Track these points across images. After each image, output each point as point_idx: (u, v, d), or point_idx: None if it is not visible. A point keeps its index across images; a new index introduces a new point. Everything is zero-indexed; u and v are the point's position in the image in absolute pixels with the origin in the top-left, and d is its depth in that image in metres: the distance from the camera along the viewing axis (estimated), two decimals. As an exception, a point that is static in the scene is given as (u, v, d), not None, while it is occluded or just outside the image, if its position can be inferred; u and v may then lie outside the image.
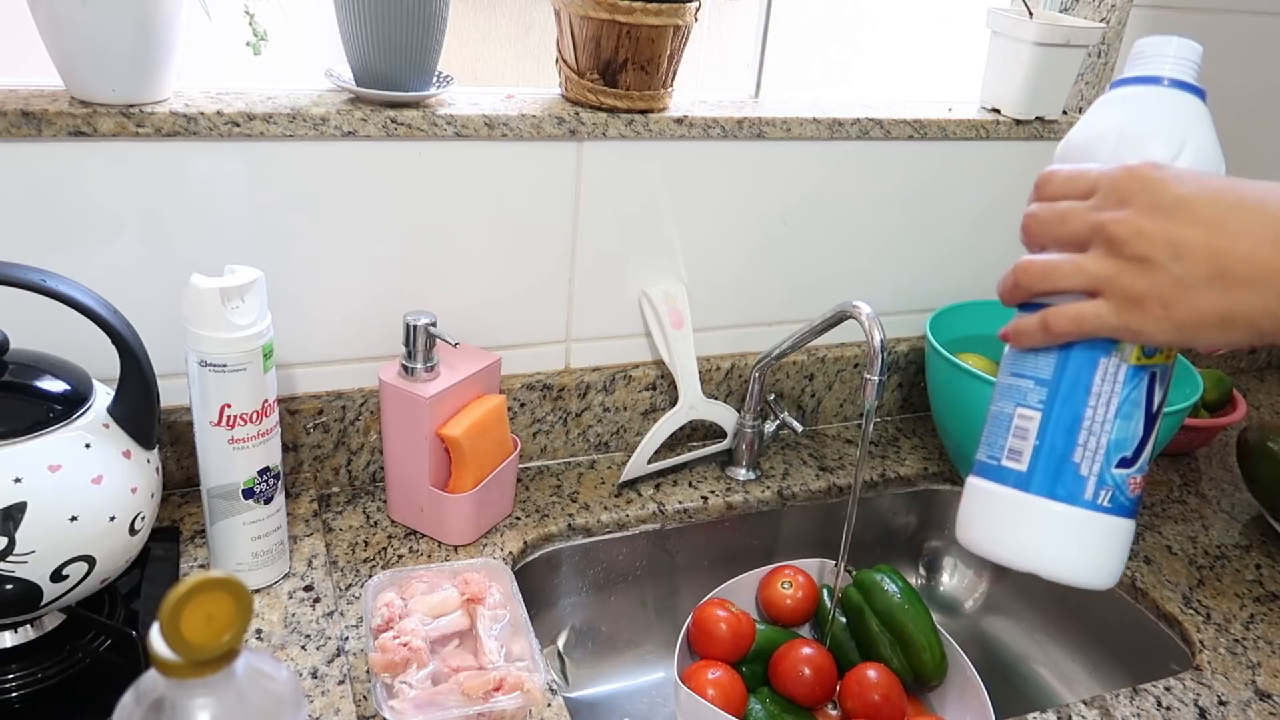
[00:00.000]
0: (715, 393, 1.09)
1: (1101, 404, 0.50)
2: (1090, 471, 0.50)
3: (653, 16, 0.87)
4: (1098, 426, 0.50)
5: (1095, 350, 0.51)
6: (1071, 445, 0.51)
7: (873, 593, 0.91)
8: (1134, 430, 0.51)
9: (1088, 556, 0.51)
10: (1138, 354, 0.50)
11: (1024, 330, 0.52)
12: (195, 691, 0.44)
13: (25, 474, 0.64)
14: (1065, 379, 0.51)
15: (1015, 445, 0.52)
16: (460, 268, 0.94)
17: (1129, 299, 0.48)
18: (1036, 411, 0.51)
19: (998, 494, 0.52)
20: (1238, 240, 0.46)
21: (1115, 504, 0.51)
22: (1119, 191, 0.49)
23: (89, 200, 0.80)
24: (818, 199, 1.06)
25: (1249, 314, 0.46)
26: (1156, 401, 0.51)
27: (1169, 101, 0.52)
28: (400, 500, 0.92)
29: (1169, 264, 0.47)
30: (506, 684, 0.70)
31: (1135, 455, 0.51)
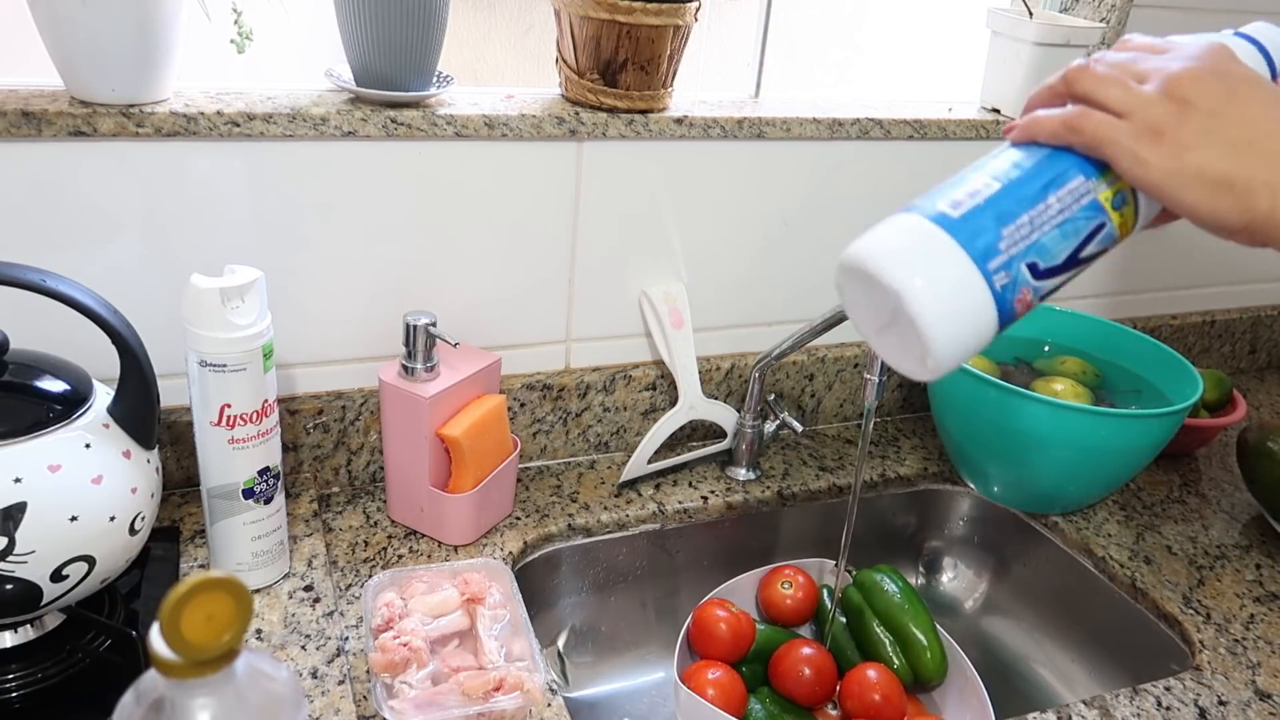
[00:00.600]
0: (715, 393, 1.09)
1: (1054, 210, 0.51)
2: (1007, 251, 0.50)
3: (653, 16, 0.87)
4: (1038, 223, 0.51)
5: (1081, 168, 0.52)
6: (1007, 220, 0.51)
7: (873, 593, 0.91)
8: (1061, 249, 0.51)
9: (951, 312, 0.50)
10: (1109, 196, 0.52)
11: (1042, 123, 0.53)
12: (195, 691, 0.44)
13: (25, 474, 0.64)
14: (1042, 172, 0.52)
15: (960, 199, 0.52)
16: (460, 268, 0.94)
17: (1152, 128, 0.49)
18: (997, 184, 0.52)
19: (918, 224, 0.51)
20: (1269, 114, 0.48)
21: (1002, 293, 0.50)
22: (1199, 52, 0.51)
23: (89, 200, 0.80)
24: (818, 199, 1.06)
25: (1249, 183, 0.47)
26: (1089, 248, 0.52)
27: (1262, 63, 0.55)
28: (400, 500, 0.92)
29: (1206, 114, 0.48)
30: (506, 684, 0.70)
31: (1046, 272, 0.51)
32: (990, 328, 0.51)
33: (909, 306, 0.48)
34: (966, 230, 0.50)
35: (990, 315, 0.50)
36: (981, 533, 1.12)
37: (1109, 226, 0.52)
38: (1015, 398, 0.96)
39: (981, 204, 0.51)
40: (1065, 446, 0.96)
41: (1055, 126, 0.52)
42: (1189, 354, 1.40)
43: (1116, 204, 0.52)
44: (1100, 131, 0.50)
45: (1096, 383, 1.10)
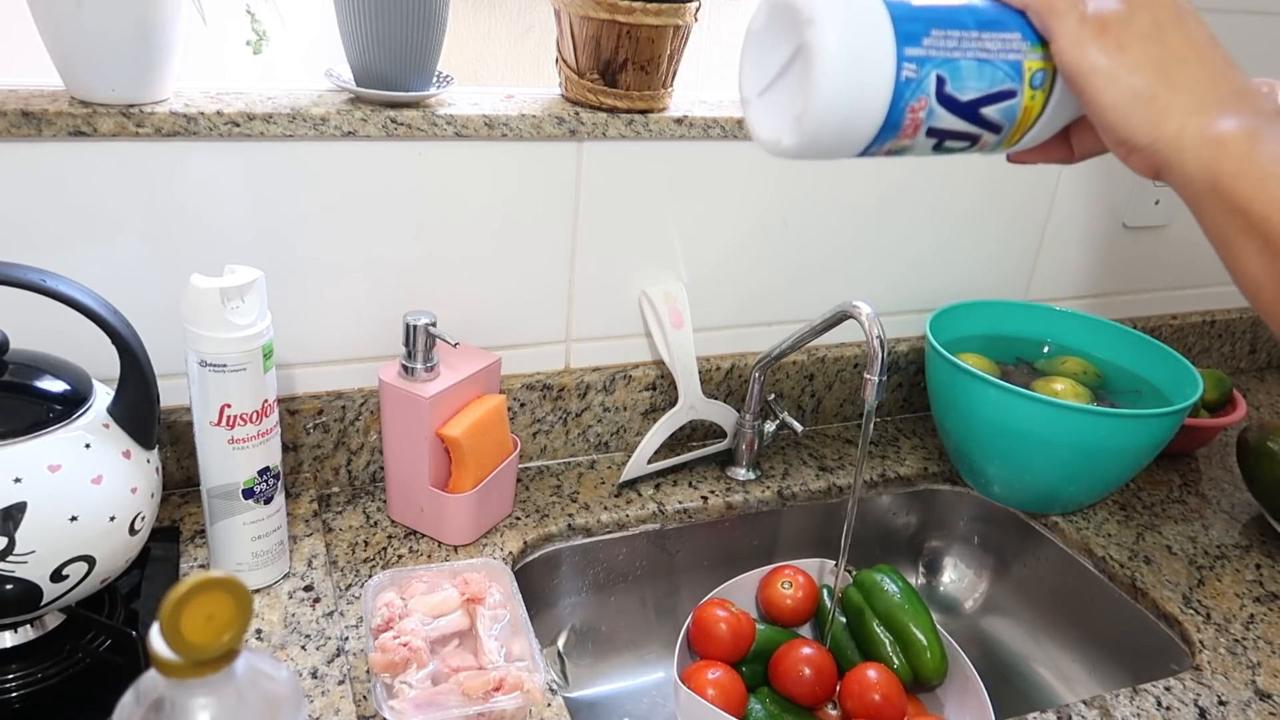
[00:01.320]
0: (715, 393, 1.09)
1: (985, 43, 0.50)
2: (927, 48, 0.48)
3: (653, 16, 0.87)
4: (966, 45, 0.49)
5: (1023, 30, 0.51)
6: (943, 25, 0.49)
7: (873, 593, 0.91)
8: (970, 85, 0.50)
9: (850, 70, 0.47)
10: (1033, 67, 0.51)
11: None
12: (195, 691, 0.44)
13: (25, 474, 0.64)
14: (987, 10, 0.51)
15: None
16: (460, 268, 0.94)
17: (1100, 19, 0.49)
18: None
19: None
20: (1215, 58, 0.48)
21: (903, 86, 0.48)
22: None
23: (89, 200, 0.80)
24: (818, 199, 1.06)
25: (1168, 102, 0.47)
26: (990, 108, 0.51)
27: None
28: (400, 500, 0.92)
29: (1152, 23, 0.48)
30: (506, 684, 0.70)
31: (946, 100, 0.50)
32: (876, 114, 0.48)
33: (813, 41, 0.46)
34: (902, 8, 0.48)
35: (883, 99, 0.48)
36: (981, 533, 1.12)
37: (1018, 98, 0.51)
38: (1015, 398, 0.96)
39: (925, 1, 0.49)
40: (1065, 446, 0.96)
41: None
42: (1189, 354, 1.40)
43: (1035, 81, 0.51)
44: (1055, 3, 0.50)
45: (1096, 383, 1.10)
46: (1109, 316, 1.17)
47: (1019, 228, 1.17)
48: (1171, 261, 1.33)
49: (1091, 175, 1.19)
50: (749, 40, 0.51)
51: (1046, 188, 1.17)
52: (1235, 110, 0.47)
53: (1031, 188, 1.16)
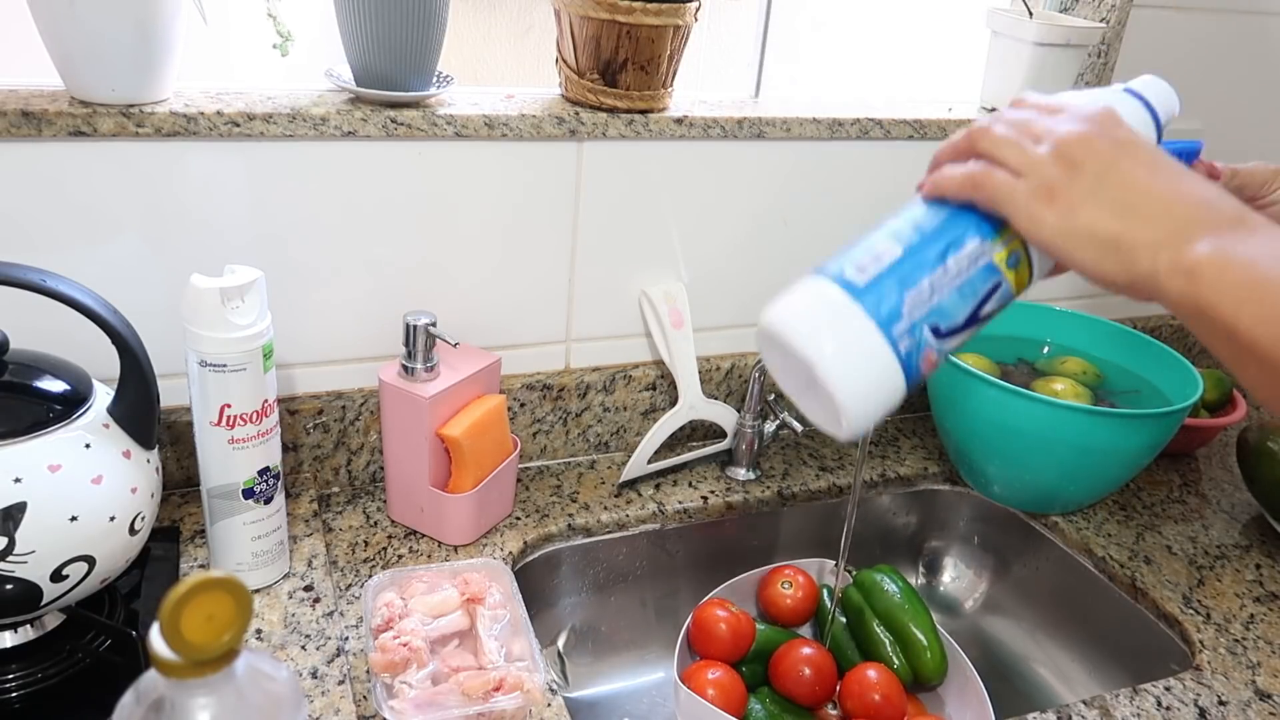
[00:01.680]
0: (715, 393, 1.09)
1: (952, 273, 0.54)
2: (909, 316, 0.53)
3: (653, 16, 0.87)
4: (938, 287, 0.53)
5: (978, 229, 0.55)
6: (909, 286, 0.53)
7: (873, 593, 0.91)
8: (960, 310, 0.54)
9: (860, 377, 0.53)
10: (1003, 256, 0.55)
11: (947, 177, 0.56)
12: (195, 691, 0.44)
13: (25, 474, 0.64)
14: (938, 236, 0.55)
15: (865, 264, 0.54)
16: (460, 268, 0.94)
17: (1045, 188, 0.51)
18: (899, 248, 0.55)
19: (826, 290, 0.54)
20: (1158, 180, 0.50)
21: (907, 357, 0.53)
22: (1087, 116, 0.53)
23: (89, 200, 0.80)
24: (818, 199, 1.06)
25: (1132, 243, 0.49)
26: (987, 307, 0.55)
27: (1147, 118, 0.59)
28: (400, 500, 0.92)
29: (1094, 176, 0.51)
30: (506, 684, 0.70)
31: (947, 333, 0.54)
32: (898, 389, 0.53)
33: (820, 373, 0.51)
34: (872, 297, 0.52)
35: (897, 378, 0.53)
36: (981, 533, 1.12)
37: (1005, 286, 0.55)
38: (1015, 398, 0.96)
39: (885, 270, 0.53)
40: (1065, 446, 0.96)
41: (959, 182, 0.55)
42: (1189, 354, 1.40)
43: (1011, 263, 0.55)
44: (999, 190, 0.53)
45: (1096, 383, 1.10)
46: (1109, 316, 1.17)
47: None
48: (1171, 261, 1.33)
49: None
50: (767, 357, 0.56)
51: (1046, 188, 1.17)
52: (1198, 232, 0.48)
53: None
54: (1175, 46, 1.17)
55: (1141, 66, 1.16)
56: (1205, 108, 1.24)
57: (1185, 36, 1.17)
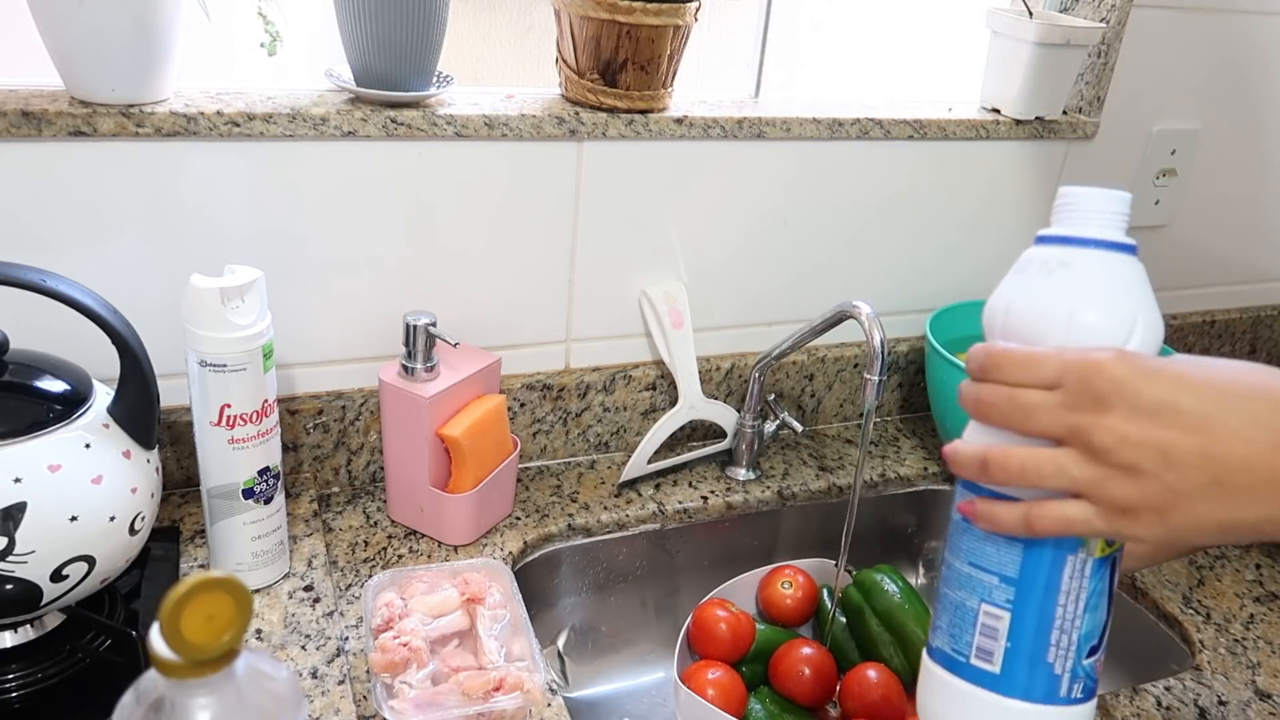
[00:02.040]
0: (715, 393, 1.09)
1: (1071, 601, 0.50)
2: (1064, 669, 0.50)
3: (653, 16, 0.87)
4: (1069, 624, 0.50)
5: (1063, 549, 0.49)
6: (1044, 646, 0.50)
7: (873, 593, 0.91)
8: (1100, 618, 0.51)
9: None
10: (1102, 545, 0.50)
11: (1001, 519, 0.49)
12: (195, 691, 0.44)
13: (25, 474, 0.64)
14: (1034, 579, 0.50)
15: (984, 645, 0.51)
16: (460, 268, 0.94)
17: (1119, 507, 0.46)
18: (1005, 611, 0.50)
19: (972, 696, 0.51)
20: (1232, 445, 0.44)
21: (1086, 691, 0.51)
22: (1091, 391, 0.46)
23: (89, 200, 0.80)
24: (818, 199, 1.06)
25: (1250, 522, 0.44)
26: (1116, 582, 0.52)
27: (1113, 271, 0.50)
28: (400, 500, 0.92)
29: (1161, 473, 0.44)
30: (506, 684, 0.70)
31: (1100, 640, 0.51)
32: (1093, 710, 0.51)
33: None
34: (1020, 684, 0.50)
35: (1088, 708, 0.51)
36: (981, 533, 1.12)
37: (1117, 558, 0.51)
38: (1015, 398, 0.95)
39: (1010, 647, 0.50)
40: (1065, 446, 0.96)
41: (1016, 526, 0.48)
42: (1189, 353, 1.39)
43: (1110, 541, 0.50)
44: (1074, 529, 0.47)
45: (1096, 383, 1.10)
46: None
47: (1019, 228, 1.17)
48: (1171, 261, 1.33)
49: (1091, 176, 1.19)
50: None
51: (1046, 188, 1.17)
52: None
53: (1032, 188, 1.16)
54: (1175, 46, 1.17)
55: (1142, 66, 1.16)
56: (1205, 108, 1.24)
57: (1185, 36, 1.17)
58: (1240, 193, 1.31)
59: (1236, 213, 1.33)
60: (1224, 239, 1.34)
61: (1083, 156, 1.17)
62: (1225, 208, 1.31)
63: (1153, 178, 1.24)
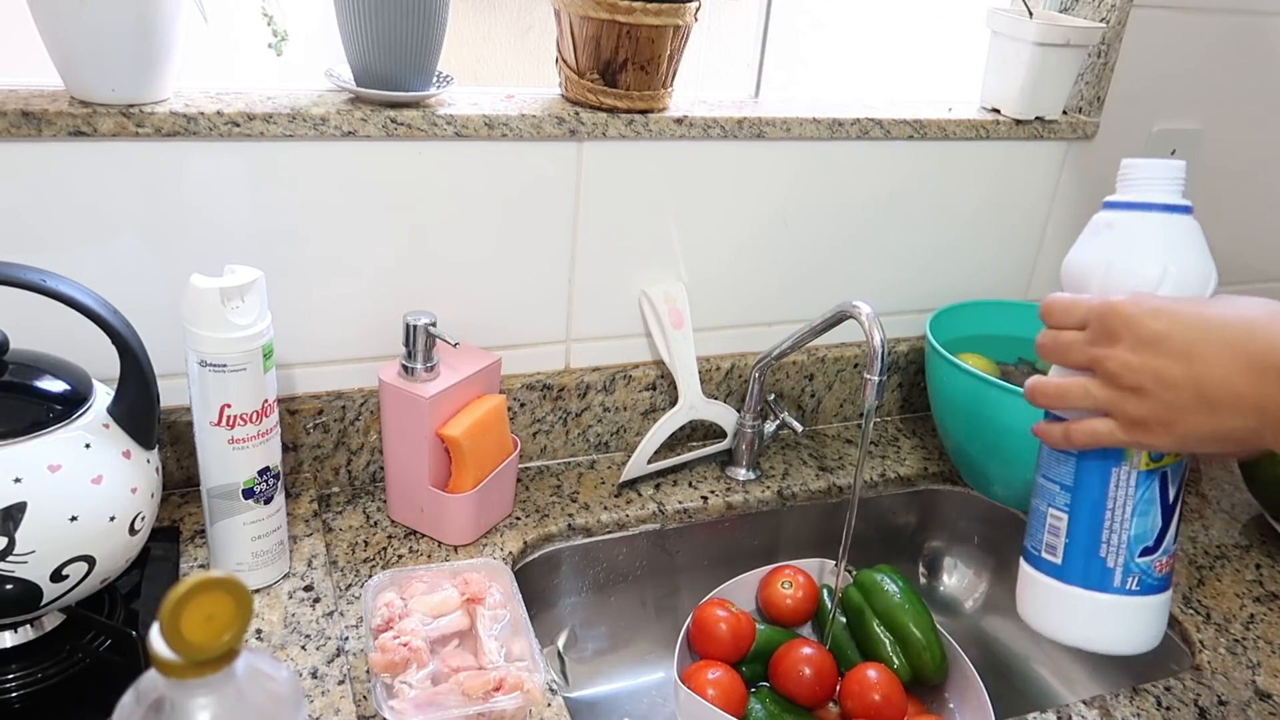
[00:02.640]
0: (715, 393, 1.09)
1: (1119, 506, 0.59)
2: (1116, 563, 0.59)
3: (653, 16, 0.87)
4: (1118, 525, 0.59)
5: (1108, 461, 0.59)
6: (1096, 543, 0.59)
7: (873, 593, 0.91)
8: (1152, 524, 0.59)
9: (1125, 632, 0.60)
10: (1146, 459, 0.58)
11: (1050, 435, 0.61)
12: (195, 691, 0.44)
13: (25, 474, 0.64)
14: (1084, 487, 0.60)
15: (1050, 541, 0.61)
16: (460, 268, 0.94)
17: (1133, 421, 0.56)
18: (1064, 514, 0.60)
19: (1042, 583, 0.62)
20: (1211, 368, 0.53)
21: (1144, 585, 0.59)
22: (1106, 327, 0.56)
23: (89, 200, 0.80)
24: (818, 199, 1.06)
25: (1236, 433, 0.53)
26: (1171, 495, 0.59)
27: (1153, 227, 0.58)
28: (400, 500, 0.92)
29: (1159, 392, 0.54)
30: (506, 684, 0.70)
31: (1157, 543, 0.59)
32: (1161, 603, 0.60)
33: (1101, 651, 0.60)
34: (1077, 572, 0.60)
35: (1151, 601, 0.60)
36: (981, 533, 1.12)
37: (1168, 473, 0.59)
38: (1015, 398, 0.95)
39: (1068, 542, 0.60)
40: (1065, 446, 0.96)
41: (1064, 444, 0.60)
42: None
43: (1155, 456, 0.58)
44: (1101, 440, 0.58)
45: (1096, 383, 1.10)
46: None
47: (1019, 228, 1.17)
48: (1171, 261, 1.33)
49: (1091, 176, 1.19)
50: None
51: (1047, 188, 1.17)
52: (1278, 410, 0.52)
53: (1032, 188, 1.16)
54: (1175, 46, 1.17)
55: (1142, 66, 1.16)
56: (1205, 108, 1.24)
57: (1185, 36, 1.17)
58: (1240, 192, 1.31)
59: (1236, 213, 1.33)
60: (1224, 239, 1.34)
61: (1083, 156, 1.17)
62: (1225, 208, 1.31)
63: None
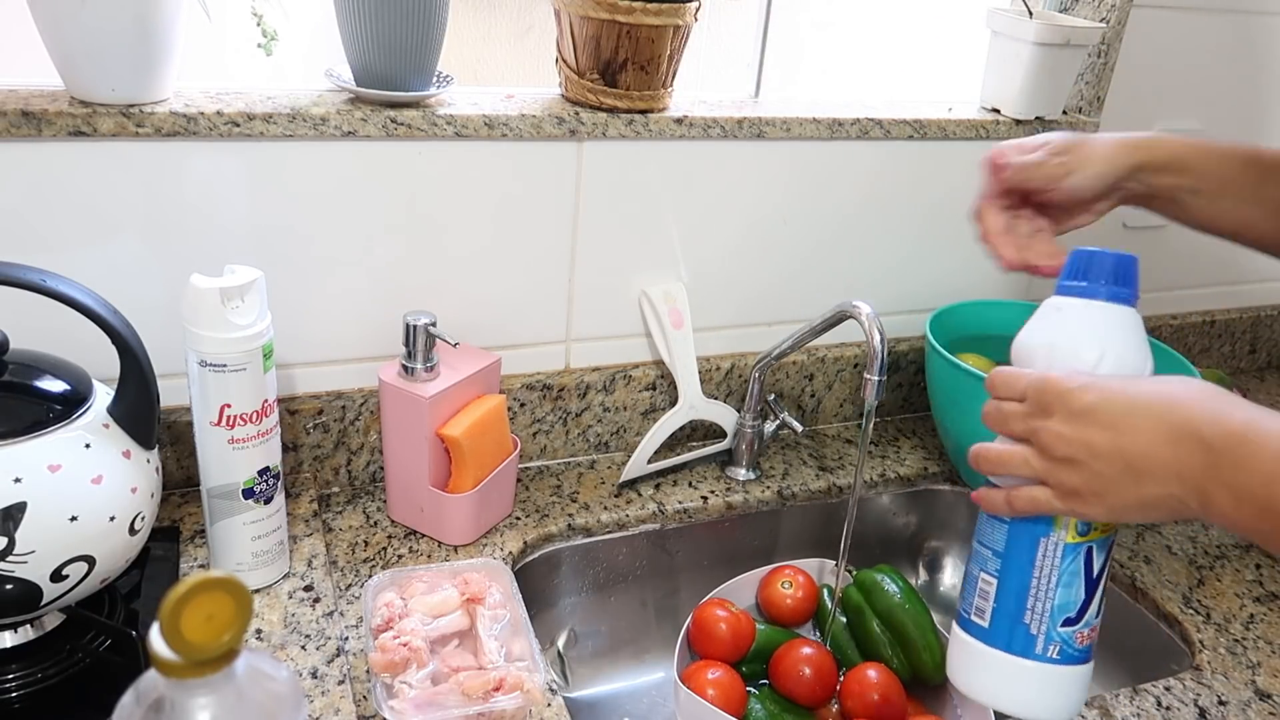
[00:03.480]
0: (715, 393, 1.09)
1: (1044, 575, 0.61)
2: (1039, 631, 0.61)
3: (653, 16, 0.87)
4: (1042, 594, 0.61)
5: (1037, 530, 0.61)
6: (1021, 609, 0.61)
7: (873, 593, 0.91)
8: (1075, 595, 0.61)
9: (1044, 699, 0.62)
10: (1074, 532, 0.60)
11: (991, 501, 0.63)
12: (195, 691, 0.44)
13: (25, 474, 0.64)
14: (1013, 554, 0.62)
15: (979, 605, 0.63)
16: (460, 268, 0.94)
17: (1068, 490, 0.58)
18: (994, 579, 0.63)
19: (970, 645, 0.64)
20: (1136, 439, 0.55)
21: (1064, 655, 0.61)
22: (1041, 400, 0.59)
23: (89, 200, 0.80)
24: (818, 199, 1.06)
25: (1163, 501, 0.55)
26: (1096, 569, 0.61)
27: (1095, 315, 0.62)
28: (400, 500, 0.92)
29: (1090, 462, 0.57)
30: (506, 684, 0.70)
31: (1079, 615, 0.61)
32: (1080, 675, 0.62)
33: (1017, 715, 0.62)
34: (1001, 636, 0.62)
35: (1071, 671, 0.61)
36: (981, 533, 1.12)
37: (1094, 547, 0.61)
38: (1015, 398, 0.95)
39: (995, 606, 0.62)
40: (1065, 446, 0.96)
41: (1004, 510, 0.62)
42: (1189, 354, 1.40)
43: (1083, 530, 0.61)
44: (1039, 507, 0.60)
45: (1096, 383, 1.10)
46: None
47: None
48: (1171, 262, 1.33)
49: (1091, 175, 1.19)
50: None
51: (1046, 188, 1.17)
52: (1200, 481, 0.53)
53: (1031, 188, 1.16)
54: (1175, 46, 1.17)
55: (1142, 66, 1.16)
56: (1205, 108, 1.24)
57: (1185, 36, 1.17)
58: (1240, 193, 1.31)
59: (1236, 213, 1.32)
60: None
61: (1083, 156, 1.17)
62: (1225, 208, 1.31)
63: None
